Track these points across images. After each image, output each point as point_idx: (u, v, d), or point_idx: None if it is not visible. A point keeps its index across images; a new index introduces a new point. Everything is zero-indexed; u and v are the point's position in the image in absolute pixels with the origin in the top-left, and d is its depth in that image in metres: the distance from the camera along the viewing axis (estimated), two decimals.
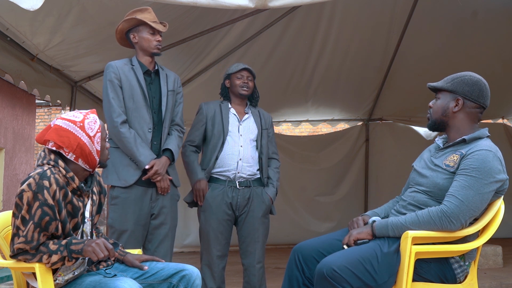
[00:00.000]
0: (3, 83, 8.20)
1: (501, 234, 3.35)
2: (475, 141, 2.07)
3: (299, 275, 2.15)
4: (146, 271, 2.03)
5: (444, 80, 2.18)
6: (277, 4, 2.44)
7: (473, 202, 1.92)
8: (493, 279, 3.88)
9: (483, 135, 2.11)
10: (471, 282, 2.08)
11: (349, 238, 2.02)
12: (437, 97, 2.18)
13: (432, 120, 2.19)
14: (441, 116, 2.15)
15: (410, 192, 2.16)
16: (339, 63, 5.42)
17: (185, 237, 6.53)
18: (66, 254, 1.81)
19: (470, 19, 4.75)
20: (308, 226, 6.51)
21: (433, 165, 2.11)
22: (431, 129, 2.23)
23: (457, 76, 2.15)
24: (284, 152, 6.85)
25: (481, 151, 1.98)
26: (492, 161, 1.96)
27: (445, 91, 2.15)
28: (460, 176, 1.96)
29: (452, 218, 1.91)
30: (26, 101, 9.27)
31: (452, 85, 2.13)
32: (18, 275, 2.06)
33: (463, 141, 2.08)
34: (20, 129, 9.23)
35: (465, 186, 1.93)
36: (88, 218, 2.01)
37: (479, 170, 1.94)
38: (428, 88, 2.26)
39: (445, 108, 2.14)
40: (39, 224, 1.80)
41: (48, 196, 1.81)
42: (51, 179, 1.83)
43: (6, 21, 2.98)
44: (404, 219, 1.97)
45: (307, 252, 2.17)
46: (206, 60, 5.06)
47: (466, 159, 1.99)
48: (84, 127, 1.94)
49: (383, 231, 1.99)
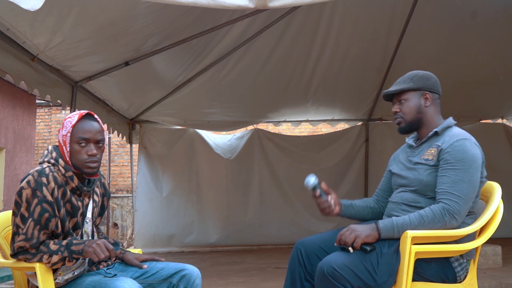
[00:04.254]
0: (4, 83, 8.20)
1: (501, 234, 3.35)
2: (446, 131, 2.13)
3: (301, 270, 2.16)
4: (146, 271, 2.03)
5: (401, 82, 2.20)
6: (277, 4, 2.44)
7: (468, 194, 1.96)
8: (492, 279, 3.88)
9: (451, 123, 2.17)
10: (471, 281, 2.08)
11: (356, 240, 1.94)
12: (402, 99, 2.18)
13: (407, 122, 2.18)
14: (417, 114, 2.17)
15: (397, 193, 2.18)
16: (339, 63, 5.42)
17: (185, 237, 6.53)
18: (67, 255, 1.81)
19: (469, 20, 4.76)
20: (308, 226, 6.51)
21: (412, 164, 2.14)
22: (405, 132, 2.22)
23: (412, 75, 2.20)
24: (284, 152, 6.87)
25: (458, 141, 2.02)
26: (472, 149, 2.01)
27: (411, 90, 2.17)
28: (448, 171, 1.98)
29: (455, 214, 1.93)
30: (26, 101, 9.27)
31: (415, 83, 2.17)
32: (18, 275, 2.07)
33: (435, 133, 2.14)
34: (20, 129, 9.23)
35: (457, 181, 1.95)
36: (90, 219, 2.01)
37: (463, 161, 1.98)
38: (383, 95, 2.26)
39: (418, 106, 2.17)
40: (38, 221, 1.80)
41: (47, 193, 1.82)
42: (49, 176, 1.84)
43: (6, 21, 2.98)
44: (409, 219, 1.96)
45: (309, 248, 2.18)
46: (206, 60, 5.06)
47: (446, 152, 2.02)
48: (64, 125, 1.94)
49: (389, 233, 1.97)
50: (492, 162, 6.66)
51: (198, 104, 6.09)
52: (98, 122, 1.97)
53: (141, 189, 6.46)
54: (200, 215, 6.61)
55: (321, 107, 6.42)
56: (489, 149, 6.89)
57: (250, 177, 6.78)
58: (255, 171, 6.79)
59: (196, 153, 6.69)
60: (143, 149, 6.48)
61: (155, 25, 3.86)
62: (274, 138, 6.95)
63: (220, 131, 7.43)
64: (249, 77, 5.52)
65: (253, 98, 6.04)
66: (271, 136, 6.96)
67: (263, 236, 6.66)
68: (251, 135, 6.85)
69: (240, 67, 5.31)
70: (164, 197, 6.54)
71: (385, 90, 2.24)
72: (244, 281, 4.31)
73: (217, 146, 6.80)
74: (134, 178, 6.52)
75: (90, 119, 1.96)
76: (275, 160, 6.83)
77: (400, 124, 2.20)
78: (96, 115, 2.02)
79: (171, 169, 6.62)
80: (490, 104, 6.46)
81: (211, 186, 6.69)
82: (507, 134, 6.90)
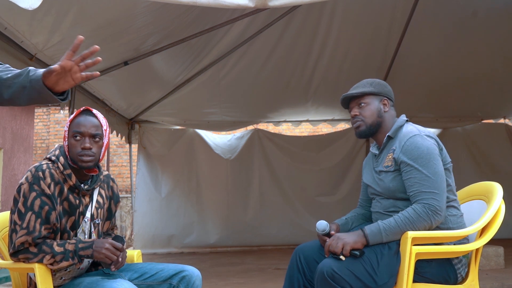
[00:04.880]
0: None
1: (503, 235, 3.34)
2: (398, 132, 2.13)
3: (300, 277, 2.14)
4: (146, 272, 2.02)
5: (360, 87, 2.21)
6: (277, 4, 2.42)
7: (440, 186, 1.95)
8: (494, 280, 3.87)
9: (402, 122, 2.17)
10: (472, 283, 2.07)
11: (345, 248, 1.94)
12: (362, 103, 2.17)
13: (367, 126, 2.17)
14: (377, 118, 2.17)
15: (375, 202, 2.20)
16: (339, 63, 5.41)
17: (184, 237, 6.52)
18: (77, 261, 1.82)
19: (470, 19, 4.74)
20: (308, 226, 6.49)
21: (378, 174, 2.16)
22: (364, 135, 2.21)
23: (370, 81, 2.22)
24: (284, 152, 6.86)
25: (408, 140, 2.02)
26: (424, 142, 2.01)
27: (371, 94, 2.18)
28: (411, 173, 1.98)
29: (438, 210, 1.93)
30: None
31: (375, 88, 2.19)
32: (16, 276, 2.05)
33: (389, 138, 2.15)
34: (18, 129, 9.21)
35: (423, 178, 1.95)
36: (89, 219, 2.00)
37: (421, 157, 1.98)
38: (341, 100, 2.25)
39: (378, 110, 2.18)
40: (39, 213, 1.80)
41: (45, 186, 1.82)
42: (45, 172, 1.84)
43: (4, 20, 2.96)
44: (395, 222, 1.95)
45: (309, 254, 2.16)
46: (206, 60, 5.05)
47: (401, 154, 2.02)
48: (66, 122, 1.97)
49: (376, 238, 1.96)
50: (493, 162, 6.74)
51: (198, 104, 6.08)
52: (97, 118, 1.96)
53: (141, 190, 6.44)
54: (200, 215, 6.60)
55: (321, 107, 6.41)
56: (490, 149, 6.96)
57: (250, 178, 6.77)
58: (255, 171, 6.78)
59: (195, 153, 6.67)
60: (142, 149, 6.46)
61: (155, 24, 3.85)
62: (274, 138, 6.94)
63: (220, 131, 7.42)
64: (249, 77, 5.50)
65: (253, 98, 6.03)
66: (271, 136, 6.95)
67: (263, 237, 6.64)
68: (251, 135, 6.83)
69: (240, 66, 5.30)
70: (164, 198, 6.52)
71: (344, 94, 2.23)
72: (244, 282, 4.30)
73: (217, 146, 6.78)
74: (133, 178, 6.51)
75: (87, 114, 1.96)
76: (275, 160, 6.81)
77: (359, 128, 2.19)
78: (96, 112, 2.00)
79: (170, 170, 6.60)
80: (492, 104, 6.45)
81: (211, 186, 6.68)
82: (509, 134, 6.89)
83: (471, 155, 6.76)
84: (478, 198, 2.24)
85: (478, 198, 2.24)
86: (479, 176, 5.26)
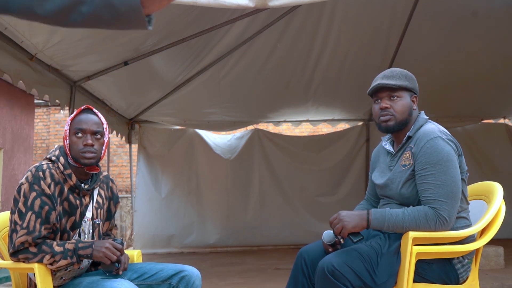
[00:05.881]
0: (2, 83, 8.17)
1: (503, 235, 3.33)
2: (418, 131, 2.02)
3: (304, 280, 2.11)
4: (145, 272, 2.02)
5: (396, 78, 2.04)
6: (277, 4, 2.42)
7: (454, 195, 1.90)
8: (494, 280, 3.87)
9: (423, 121, 2.05)
10: (473, 283, 2.07)
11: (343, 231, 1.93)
12: (395, 96, 2.02)
13: (397, 121, 2.02)
14: (407, 115, 2.03)
15: (383, 204, 2.13)
16: (339, 62, 5.40)
17: (184, 237, 6.51)
18: (75, 260, 1.82)
19: (470, 19, 4.74)
20: (308, 227, 6.50)
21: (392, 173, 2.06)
22: (392, 131, 2.06)
23: (404, 73, 2.05)
24: (284, 152, 6.85)
25: (429, 142, 1.92)
26: (445, 147, 1.92)
27: (405, 89, 2.04)
28: (427, 178, 1.91)
29: (447, 221, 1.89)
30: (24, 101, 9.24)
31: (410, 83, 2.04)
32: (16, 276, 2.05)
33: (409, 137, 2.04)
34: (18, 129, 9.21)
35: (439, 185, 1.88)
36: (89, 219, 2.00)
37: (439, 163, 1.90)
38: (377, 88, 2.05)
39: (410, 106, 2.04)
40: (39, 213, 1.80)
41: (45, 186, 1.82)
42: (46, 172, 1.85)
43: (4, 20, 2.96)
44: (402, 217, 1.91)
45: (313, 256, 2.12)
46: (206, 60, 5.04)
47: (419, 155, 1.94)
48: (67, 122, 1.97)
49: (378, 226, 1.94)
50: (493, 162, 6.74)
51: (198, 104, 6.07)
52: (97, 116, 1.99)
53: (140, 190, 6.43)
54: (200, 215, 6.59)
55: (321, 107, 6.41)
56: (491, 149, 6.96)
57: (250, 178, 6.77)
58: (255, 171, 6.77)
59: (195, 153, 6.67)
60: (142, 149, 6.46)
61: (154, 24, 3.81)
62: (274, 138, 6.93)
63: (220, 131, 7.41)
64: (249, 77, 5.50)
65: (253, 98, 6.02)
66: (271, 136, 6.94)
67: (263, 237, 6.64)
68: (251, 135, 6.83)
69: (240, 66, 5.29)
70: (164, 198, 6.52)
71: (381, 82, 2.03)
72: (244, 282, 4.29)
73: (217, 146, 6.78)
74: (133, 178, 6.50)
75: (88, 112, 1.98)
76: (275, 160, 6.81)
77: (388, 122, 2.03)
78: (96, 110, 2.03)
79: (170, 170, 6.60)
80: (492, 104, 6.45)
81: (210, 186, 6.67)
82: (509, 134, 6.89)
83: (471, 155, 6.75)
84: (479, 198, 2.24)
85: (478, 198, 2.24)
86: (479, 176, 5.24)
